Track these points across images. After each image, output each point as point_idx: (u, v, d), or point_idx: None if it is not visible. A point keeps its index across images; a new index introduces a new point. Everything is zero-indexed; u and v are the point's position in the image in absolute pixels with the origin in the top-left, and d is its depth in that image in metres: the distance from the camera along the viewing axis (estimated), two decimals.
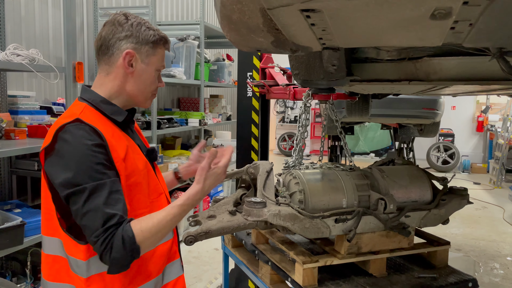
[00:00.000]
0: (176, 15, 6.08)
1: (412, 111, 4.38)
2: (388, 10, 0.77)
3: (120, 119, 1.35)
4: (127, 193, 1.28)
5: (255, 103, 3.49)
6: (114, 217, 1.16)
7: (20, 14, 3.48)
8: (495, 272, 4.32)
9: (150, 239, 1.20)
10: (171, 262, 1.47)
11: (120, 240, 1.14)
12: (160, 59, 1.38)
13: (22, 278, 3.11)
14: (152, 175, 1.41)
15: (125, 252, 1.15)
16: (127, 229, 1.16)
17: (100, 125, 1.27)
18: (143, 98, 1.39)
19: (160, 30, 1.40)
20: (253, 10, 0.87)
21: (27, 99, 3.39)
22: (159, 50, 1.37)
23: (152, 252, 1.35)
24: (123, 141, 1.31)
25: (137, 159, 1.34)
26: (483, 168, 10.00)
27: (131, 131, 1.45)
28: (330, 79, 1.82)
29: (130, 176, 1.29)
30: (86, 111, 1.30)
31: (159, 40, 1.36)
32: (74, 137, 1.20)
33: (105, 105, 1.33)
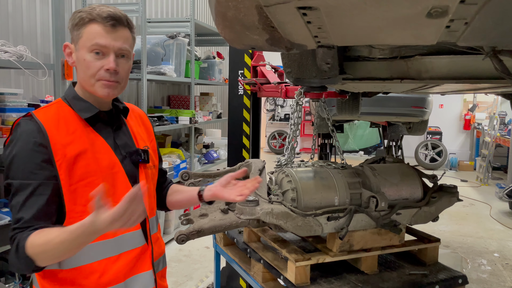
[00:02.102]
0: (166, 12, 6.03)
1: (401, 109, 4.42)
2: (385, 8, 0.77)
3: (85, 116, 1.30)
4: (82, 193, 1.24)
5: (246, 101, 3.48)
6: (20, 221, 1.17)
7: (7, 10, 3.42)
8: (482, 268, 4.39)
9: (40, 255, 1.15)
10: (139, 273, 1.37)
11: (15, 246, 1.16)
12: (89, 38, 1.24)
13: (10, 278, 3.06)
14: (121, 178, 1.32)
15: (17, 259, 1.16)
16: (23, 238, 1.15)
17: (56, 122, 1.25)
18: (89, 87, 1.29)
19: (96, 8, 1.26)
20: (248, 7, 0.86)
21: (15, 96, 3.32)
22: (86, 29, 1.25)
23: (115, 258, 1.31)
24: (82, 140, 1.27)
25: (101, 159, 1.28)
26: (470, 166, 10.13)
27: (115, 128, 1.38)
28: (322, 77, 1.82)
29: (85, 176, 1.25)
30: (53, 107, 1.30)
31: (83, 20, 1.24)
32: (20, 132, 1.22)
33: (75, 101, 1.32)
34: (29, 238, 1.15)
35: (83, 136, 1.28)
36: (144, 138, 1.48)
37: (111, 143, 1.34)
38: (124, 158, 1.36)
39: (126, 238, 1.34)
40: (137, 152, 1.40)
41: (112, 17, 1.24)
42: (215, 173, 2.37)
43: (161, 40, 4.71)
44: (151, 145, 1.52)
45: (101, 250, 1.29)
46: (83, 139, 1.27)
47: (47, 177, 1.20)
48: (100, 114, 1.33)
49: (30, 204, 1.18)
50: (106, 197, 1.07)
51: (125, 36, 1.29)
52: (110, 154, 1.32)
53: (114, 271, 1.30)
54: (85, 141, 1.27)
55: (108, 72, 1.26)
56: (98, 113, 1.32)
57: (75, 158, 1.23)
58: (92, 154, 1.27)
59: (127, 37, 1.30)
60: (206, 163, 5.80)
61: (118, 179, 1.31)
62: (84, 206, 1.23)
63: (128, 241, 1.34)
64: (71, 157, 1.23)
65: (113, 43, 1.25)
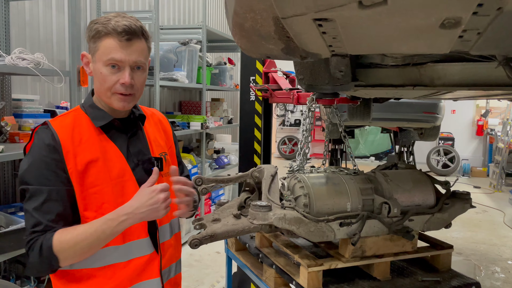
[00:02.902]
0: (179, 19, 6.11)
1: (413, 115, 4.40)
2: (399, 19, 0.79)
3: (98, 124, 1.32)
4: (93, 200, 1.28)
5: (258, 107, 3.51)
6: (39, 225, 1.21)
7: (25, 18, 3.51)
8: (496, 276, 4.34)
9: (68, 250, 1.20)
10: (147, 280, 1.39)
11: (39, 247, 1.19)
12: (105, 52, 1.26)
13: (26, 281, 3.12)
14: (131, 186, 1.34)
15: (41, 259, 1.20)
16: (48, 238, 1.20)
17: (71, 131, 1.28)
18: (105, 98, 1.32)
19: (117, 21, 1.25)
20: (266, 18, 0.89)
21: (31, 102, 3.41)
22: (102, 43, 1.26)
23: (124, 264, 1.34)
24: (93, 149, 1.30)
25: (112, 167, 1.31)
26: (483, 172, 10.02)
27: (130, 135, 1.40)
28: (335, 84, 1.84)
29: (95, 184, 1.28)
30: (70, 115, 1.34)
31: (99, 33, 1.25)
32: (37, 139, 1.27)
33: (91, 109, 1.35)
34: (54, 236, 1.20)
35: (95, 145, 1.30)
36: (162, 144, 1.50)
37: (124, 150, 1.36)
38: (136, 166, 1.37)
39: (135, 245, 1.37)
40: (149, 160, 1.41)
41: (127, 32, 1.25)
42: (228, 178, 2.40)
43: (173, 47, 4.78)
44: (169, 151, 1.53)
45: (111, 255, 1.32)
46: (95, 148, 1.30)
47: (62, 183, 1.24)
48: (114, 122, 1.35)
49: (47, 208, 1.22)
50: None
51: (140, 48, 1.30)
52: (122, 162, 1.34)
53: (122, 276, 1.33)
54: (97, 150, 1.30)
55: (124, 86, 1.28)
56: (112, 121, 1.35)
57: (85, 166, 1.27)
58: (103, 163, 1.30)
59: (143, 49, 1.31)
60: (217, 168, 5.84)
61: (128, 187, 1.33)
62: (95, 212, 1.27)
63: (136, 248, 1.37)
64: (82, 165, 1.26)
65: (128, 57, 1.27)
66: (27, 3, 3.51)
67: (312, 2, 0.74)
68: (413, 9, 0.75)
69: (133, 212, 1.21)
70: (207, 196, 5.58)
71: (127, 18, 1.28)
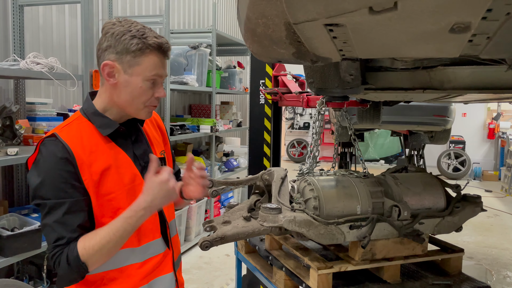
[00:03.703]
0: (189, 23, 6.17)
1: (423, 118, 4.38)
2: (409, 24, 0.81)
3: (106, 132, 1.32)
4: (109, 207, 1.31)
5: (267, 110, 3.53)
6: (62, 238, 1.22)
7: (39, 23, 3.57)
8: (508, 281, 4.29)
9: (95, 256, 1.22)
10: (162, 275, 1.44)
11: (65, 259, 1.21)
12: (147, 68, 1.27)
13: (39, 282, 3.17)
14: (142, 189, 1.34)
15: (70, 270, 1.21)
16: (73, 249, 1.21)
17: (80, 141, 1.28)
18: (133, 110, 1.33)
19: (154, 37, 1.28)
20: (277, 24, 0.91)
21: (45, 106, 3.47)
22: (145, 58, 1.26)
23: (140, 264, 1.38)
24: (105, 157, 1.31)
25: (123, 173, 1.33)
26: (494, 176, 9.91)
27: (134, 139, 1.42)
28: (344, 87, 1.86)
29: (111, 191, 1.30)
30: (74, 124, 1.33)
31: (144, 48, 1.25)
32: (47, 152, 1.24)
33: (95, 117, 1.33)
34: (78, 245, 1.22)
35: (106, 153, 1.31)
36: (160, 142, 1.54)
37: (130, 155, 1.38)
38: (143, 168, 1.39)
39: (150, 246, 1.41)
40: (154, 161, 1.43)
41: (167, 49, 1.31)
42: (238, 181, 2.41)
43: (183, 51, 4.82)
44: (166, 148, 1.57)
45: (128, 257, 1.36)
46: (106, 155, 1.31)
47: (79, 194, 1.25)
48: (119, 129, 1.36)
49: (68, 221, 1.23)
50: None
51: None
52: (131, 167, 1.36)
53: (139, 275, 1.38)
54: (108, 158, 1.31)
55: (158, 99, 1.34)
56: (118, 128, 1.35)
57: (100, 175, 1.28)
58: (115, 169, 1.32)
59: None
60: (226, 171, 5.86)
61: (139, 190, 1.34)
62: (111, 218, 1.29)
63: (152, 248, 1.42)
64: (97, 175, 1.28)
65: (165, 72, 1.33)
66: (41, 8, 3.57)
67: (323, 8, 0.76)
68: (423, 14, 0.76)
69: (150, 206, 1.24)
70: (217, 198, 5.60)
71: (153, 32, 1.31)
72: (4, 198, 3.26)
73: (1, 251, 2.53)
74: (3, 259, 2.51)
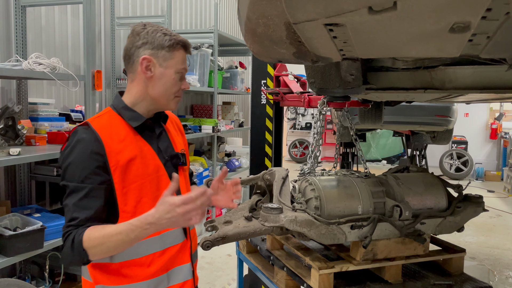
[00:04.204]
0: (190, 23, 6.18)
1: (425, 118, 4.38)
2: (409, 24, 0.81)
3: (135, 124, 1.43)
4: (133, 195, 1.38)
5: (269, 111, 3.53)
6: (75, 219, 1.30)
7: (41, 23, 3.59)
8: (510, 281, 4.28)
9: (95, 248, 1.27)
10: (180, 265, 1.51)
11: (71, 240, 1.28)
12: (179, 62, 1.43)
13: (41, 281, 3.18)
14: (165, 180, 1.45)
15: (72, 252, 1.28)
16: (80, 234, 1.27)
17: (110, 131, 1.38)
18: (165, 100, 1.45)
19: (179, 35, 1.45)
20: (277, 24, 0.91)
21: (47, 106, 3.48)
22: (176, 53, 1.42)
23: (160, 253, 1.44)
24: (132, 147, 1.40)
25: (148, 164, 1.42)
26: (497, 176, 9.89)
27: (158, 134, 1.51)
28: (346, 87, 1.86)
29: (136, 180, 1.38)
30: (105, 116, 1.44)
31: (175, 44, 1.41)
32: (77, 139, 1.34)
33: (125, 111, 1.44)
34: (85, 233, 1.27)
35: (132, 143, 1.41)
36: (180, 142, 1.63)
37: (155, 148, 1.47)
38: (166, 161, 1.49)
39: (170, 235, 1.47)
40: (177, 156, 1.53)
41: (190, 46, 1.47)
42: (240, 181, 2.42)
43: None
44: (185, 148, 1.66)
45: (148, 246, 1.43)
46: (132, 146, 1.40)
47: (100, 182, 1.32)
48: (146, 122, 1.46)
49: (84, 205, 1.31)
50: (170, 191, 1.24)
51: None
52: (155, 158, 1.45)
53: (159, 264, 1.44)
54: (134, 148, 1.40)
55: (183, 91, 1.48)
56: (144, 122, 1.45)
57: (127, 163, 1.36)
58: (140, 160, 1.40)
59: None
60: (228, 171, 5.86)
61: (162, 181, 1.44)
62: (134, 206, 1.37)
63: (171, 237, 1.48)
64: (124, 163, 1.36)
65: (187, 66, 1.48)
66: (43, 9, 3.59)
67: (323, 8, 0.76)
68: (422, 14, 0.76)
69: (155, 223, 1.24)
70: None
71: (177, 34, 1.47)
72: (7, 198, 3.27)
73: (3, 250, 2.54)
74: (5, 258, 2.52)
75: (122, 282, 1.41)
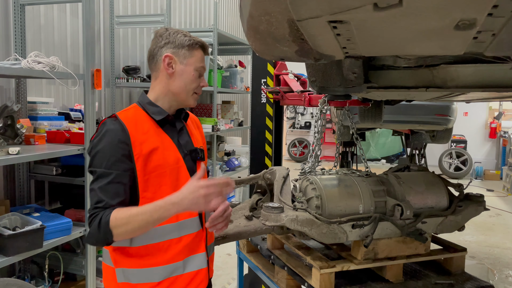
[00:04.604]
0: (190, 22, 6.16)
1: (425, 117, 4.36)
2: (414, 21, 0.80)
3: (158, 118, 1.55)
4: (153, 182, 1.48)
5: (269, 109, 3.52)
6: (101, 202, 1.41)
7: (40, 22, 3.57)
8: (510, 280, 4.28)
9: (121, 227, 1.37)
10: (195, 254, 1.58)
11: (98, 220, 1.38)
12: (197, 60, 1.55)
13: (40, 281, 3.16)
14: (184, 171, 1.55)
15: (98, 232, 1.38)
16: (107, 214, 1.38)
17: (135, 123, 1.50)
18: (185, 96, 1.57)
19: (191, 36, 1.57)
20: (280, 21, 0.90)
21: (46, 105, 3.46)
22: (195, 52, 1.55)
23: (177, 239, 1.53)
24: (154, 139, 1.51)
25: (168, 155, 1.52)
26: (496, 175, 9.89)
27: (179, 129, 1.62)
28: (347, 86, 1.85)
29: (156, 169, 1.49)
30: (131, 110, 1.57)
31: (194, 44, 1.54)
32: (106, 129, 1.47)
33: (149, 106, 1.57)
34: (112, 214, 1.37)
35: (155, 135, 1.52)
36: (199, 140, 1.73)
37: (175, 142, 1.58)
38: (186, 155, 1.59)
39: (187, 223, 1.56)
40: (196, 150, 1.64)
41: (208, 47, 1.59)
42: (240, 180, 2.41)
43: None
44: (204, 147, 1.75)
45: (166, 232, 1.52)
46: (155, 138, 1.51)
47: (124, 169, 1.44)
48: (168, 117, 1.58)
49: (110, 189, 1.42)
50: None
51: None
52: (175, 151, 1.56)
53: (176, 250, 1.53)
54: (156, 140, 1.51)
55: (201, 88, 1.59)
56: (167, 116, 1.57)
57: (149, 153, 1.48)
58: (161, 151, 1.51)
59: None
60: (227, 170, 5.85)
61: (181, 172, 1.54)
62: (154, 193, 1.47)
63: (188, 225, 1.56)
64: (146, 152, 1.47)
65: (206, 67, 1.59)
66: (42, 8, 3.57)
67: (327, 5, 0.75)
68: (428, 10, 0.75)
69: (178, 203, 1.35)
70: None
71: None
72: (6, 197, 3.25)
73: (2, 250, 2.52)
74: (5, 258, 2.50)
75: (141, 265, 1.50)
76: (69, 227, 2.98)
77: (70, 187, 3.37)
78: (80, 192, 3.14)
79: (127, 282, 1.52)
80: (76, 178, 3.17)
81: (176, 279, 1.54)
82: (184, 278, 1.56)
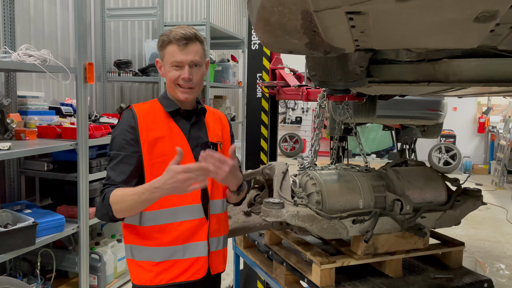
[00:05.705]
0: (182, 15, 6.09)
1: (416, 112, 4.38)
2: (434, 13, 0.78)
3: (168, 109, 1.69)
4: (158, 167, 1.59)
5: (264, 104, 3.49)
6: (109, 179, 1.59)
7: (29, 14, 3.48)
8: (501, 273, 4.34)
9: (117, 204, 1.51)
10: (196, 242, 1.67)
11: (103, 196, 1.55)
12: (169, 55, 1.62)
13: (33, 279, 3.11)
14: (189, 161, 1.61)
15: (102, 206, 1.55)
16: (110, 191, 1.53)
17: (146, 113, 1.66)
18: (172, 90, 1.68)
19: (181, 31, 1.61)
20: (294, 12, 0.87)
21: (36, 99, 3.39)
22: (167, 49, 1.63)
23: (178, 223, 1.64)
24: (163, 128, 1.65)
25: (175, 144, 1.60)
26: (484, 169, 10.03)
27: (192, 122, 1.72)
28: (348, 80, 1.83)
29: (161, 155, 1.62)
30: (148, 103, 1.74)
31: (165, 42, 1.63)
32: (122, 118, 1.67)
33: (163, 99, 1.73)
34: (114, 191, 1.53)
35: (164, 125, 1.66)
36: (219, 135, 1.82)
37: (186, 133, 1.69)
38: (195, 146, 1.69)
39: (188, 209, 1.66)
40: (206, 143, 1.72)
41: (184, 37, 1.60)
42: None
43: None
44: (225, 142, 1.84)
45: (169, 215, 1.64)
46: (163, 127, 1.66)
47: (132, 152, 1.60)
48: (179, 110, 1.70)
49: (118, 168, 1.59)
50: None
51: (196, 50, 1.63)
52: (183, 141, 1.67)
53: (176, 233, 1.64)
54: (165, 129, 1.65)
55: (184, 80, 1.63)
56: (178, 109, 1.70)
57: (155, 140, 1.62)
58: (169, 139, 1.64)
59: (197, 50, 1.64)
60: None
61: (187, 162, 1.57)
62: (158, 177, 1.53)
63: (189, 211, 1.66)
64: (152, 139, 1.62)
65: (186, 57, 1.61)
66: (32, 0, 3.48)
67: None
68: (450, 2, 0.73)
69: (160, 187, 1.43)
70: None
71: (184, 28, 1.63)
72: None
73: None
74: None
75: (146, 244, 1.64)
76: (61, 223, 2.93)
77: (62, 183, 3.30)
78: (72, 188, 3.08)
79: (132, 259, 1.67)
80: (68, 174, 3.11)
81: (175, 263, 1.64)
82: (182, 263, 1.65)
